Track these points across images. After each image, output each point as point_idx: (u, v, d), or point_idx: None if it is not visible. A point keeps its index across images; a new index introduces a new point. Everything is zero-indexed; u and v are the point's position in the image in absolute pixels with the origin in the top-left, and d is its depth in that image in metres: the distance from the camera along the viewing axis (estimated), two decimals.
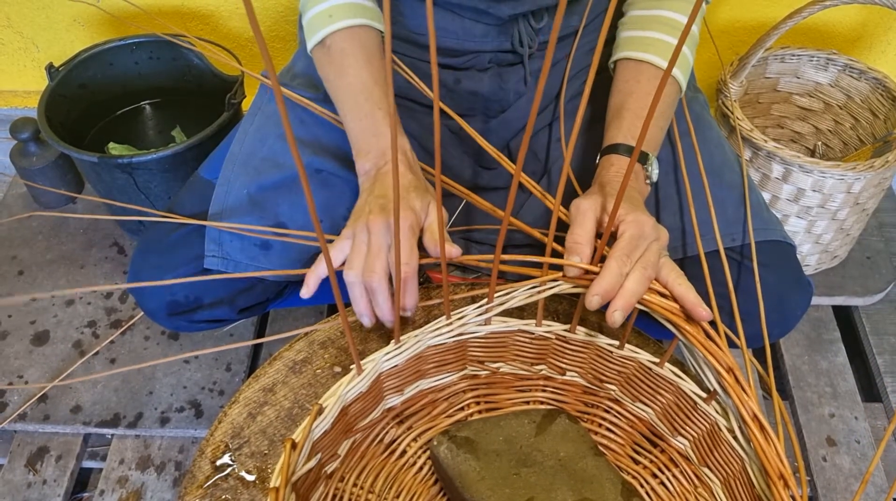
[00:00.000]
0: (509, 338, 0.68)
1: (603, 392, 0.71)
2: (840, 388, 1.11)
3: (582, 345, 0.68)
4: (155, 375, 1.08)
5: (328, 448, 0.62)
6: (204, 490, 0.66)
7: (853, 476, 1.02)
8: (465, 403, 0.73)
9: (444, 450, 0.65)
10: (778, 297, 0.75)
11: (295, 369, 0.74)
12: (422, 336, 0.63)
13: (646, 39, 0.75)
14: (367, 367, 0.61)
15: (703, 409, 0.62)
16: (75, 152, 1.05)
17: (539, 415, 0.69)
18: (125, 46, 1.21)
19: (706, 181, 0.75)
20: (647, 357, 0.65)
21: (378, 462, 0.69)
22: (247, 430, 0.69)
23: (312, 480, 0.61)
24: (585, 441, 0.67)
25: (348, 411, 0.62)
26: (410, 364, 0.66)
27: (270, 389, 0.72)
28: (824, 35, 1.30)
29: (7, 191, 1.35)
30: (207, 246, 0.75)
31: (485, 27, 0.78)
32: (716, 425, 0.62)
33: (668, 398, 0.66)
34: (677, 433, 0.67)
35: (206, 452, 0.68)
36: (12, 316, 1.15)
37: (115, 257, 1.23)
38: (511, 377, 0.72)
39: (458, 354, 0.69)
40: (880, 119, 1.17)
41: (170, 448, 1.03)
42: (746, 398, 0.54)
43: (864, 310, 1.20)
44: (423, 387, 0.69)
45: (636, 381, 0.68)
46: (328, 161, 0.80)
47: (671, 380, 0.64)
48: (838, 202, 1.07)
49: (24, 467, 1.01)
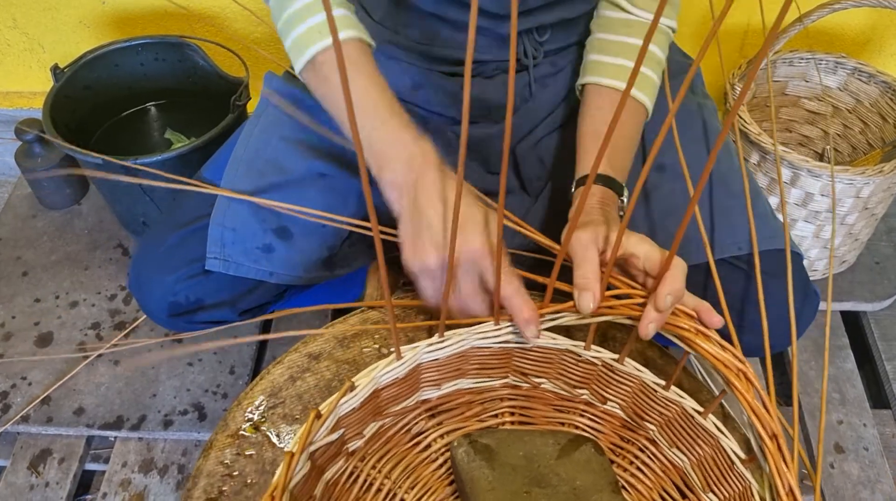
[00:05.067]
0: (556, 356, 0.67)
1: (641, 430, 0.69)
2: (848, 394, 1.10)
3: (627, 377, 0.66)
4: (158, 377, 1.08)
5: (354, 426, 0.62)
6: (233, 439, 0.68)
7: (861, 484, 1.01)
8: (501, 411, 0.72)
9: (462, 453, 0.65)
10: (785, 306, 0.74)
11: (343, 343, 0.75)
12: (467, 336, 0.63)
13: (617, 67, 0.75)
14: (406, 354, 0.61)
15: (740, 470, 0.60)
16: (80, 154, 1.05)
17: (566, 439, 0.67)
18: (131, 48, 1.21)
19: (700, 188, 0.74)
20: (692, 404, 0.63)
21: (401, 450, 0.69)
22: (284, 392, 0.71)
23: (333, 453, 0.61)
24: (607, 474, 0.65)
25: (380, 394, 0.62)
26: (452, 361, 0.65)
27: (316, 357, 0.74)
28: (833, 39, 1.29)
29: (12, 192, 1.35)
30: (210, 248, 0.75)
31: (489, 40, 0.78)
32: (749, 489, 0.59)
33: (706, 451, 0.64)
34: (709, 489, 0.64)
35: (242, 403, 0.70)
36: (16, 317, 1.15)
37: (120, 259, 1.23)
38: (552, 396, 0.71)
39: (503, 361, 0.68)
40: (889, 123, 1.16)
41: (173, 450, 1.03)
42: (785, 470, 0.52)
43: (873, 316, 1.19)
44: (461, 387, 0.68)
45: (676, 426, 0.65)
46: (332, 166, 0.79)
47: (712, 433, 0.62)
48: (847, 207, 1.06)
49: (27, 469, 1.01)
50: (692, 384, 0.71)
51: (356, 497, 0.66)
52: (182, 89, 1.26)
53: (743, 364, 0.54)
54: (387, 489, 0.67)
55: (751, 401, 0.53)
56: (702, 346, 0.55)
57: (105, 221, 1.29)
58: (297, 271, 0.78)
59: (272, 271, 0.77)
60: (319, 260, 0.80)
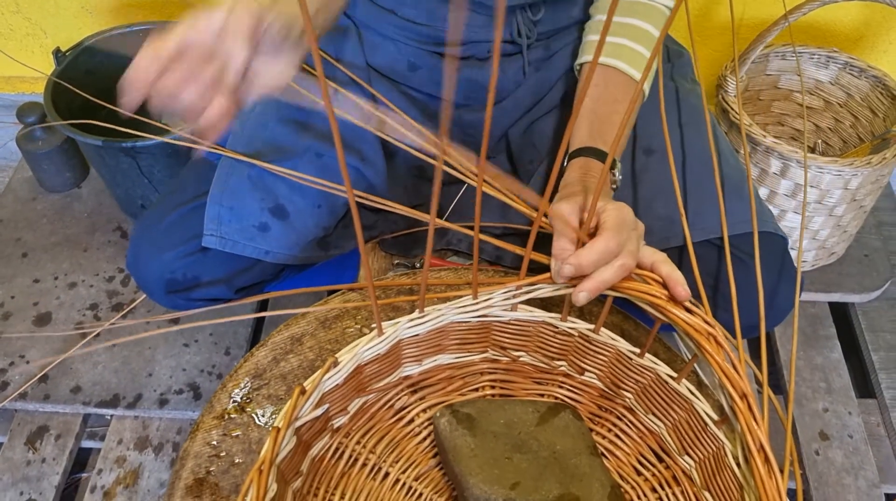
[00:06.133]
0: (533, 328, 0.69)
1: (618, 399, 0.71)
2: (834, 383, 1.11)
3: (604, 347, 0.68)
4: (154, 357, 1.09)
5: (338, 402, 0.64)
6: (219, 420, 0.70)
7: (845, 470, 1.02)
8: (481, 385, 0.74)
9: (445, 422, 0.66)
10: (767, 289, 0.75)
11: (326, 324, 0.76)
12: (446, 311, 0.64)
13: (613, 45, 0.76)
14: (387, 330, 0.62)
15: (713, 431, 0.62)
16: (80, 136, 1.07)
17: (545, 407, 0.69)
18: (132, 33, 1.22)
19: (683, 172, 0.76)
20: (666, 370, 0.65)
21: (385, 425, 0.71)
22: (268, 373, 0.73)
23: (318, 430, 0.63)
24: (585, 439, 0.67)
25: (363, 370, 0.64)
26: (432, 336, 0.67)
27: (299, 339, 0.75)
28: (826, 34, 1.31)
29: (13, 175, 1.36)
30: (207, 225, 0.76)
31: (484, 18, 0.79)
32: (723, 449, 0.61)
33: (681, 415, 0.65)
34: (684, 452, 0.66)
35: (227, 386, 0.72)
36: (15, 297, 1.16)
37: (118, 242, 1.25)
38: (530, 368, 0.73)
39: (481, 335, 0.69)
40: (879, 117, 1.17)
41: (168, 429, 1.04)
42: (755, 427, 0.53)
43: (861, 307, 1.21)
44: (441, 362, 0.70)
45: (652, 392, 0.67)
46: (329, 147, 0.81)
47: (686, 397, 0.64)
48: (836, 198, 1.07)
49: (24, 445, 1.02)
50: (668, 354, 0.74)
51: (342, 472, 0.67)
52: None
53: (712, 327, 0.56)
54: (372, 463, 0.69)
55: (721, 362, 0.55)
56: (672, 311, 0.57)
57: (104, 204, 1.30)
58: (292, 250, 0.80)
59: (268, 249, 0.78)
60: (314, 240, 0.81)
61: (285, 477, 0.58)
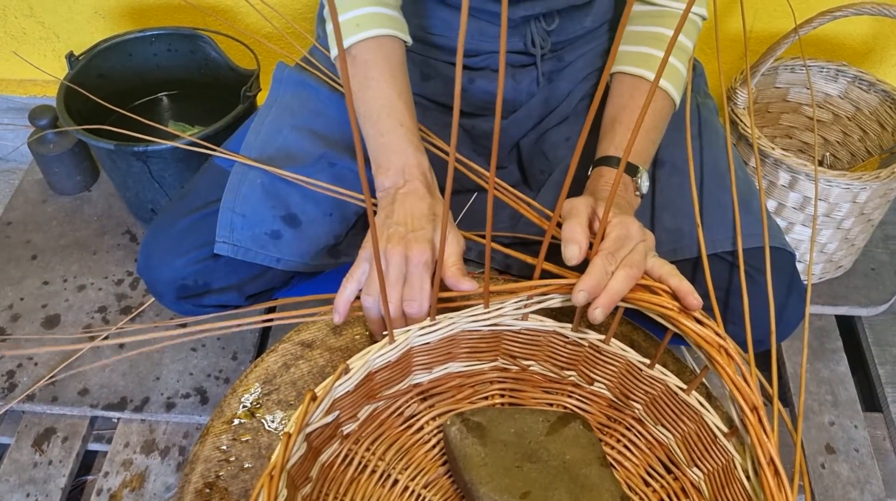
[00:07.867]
0: (544, 338, 0.69)
1: (627, 410, 0.71)
2: (841, 397, 1.12)
3: (613, 358, 0.68)
4: (162, 361, 1.10)
5: (348, 409, 0.64)
6: (229, 425, 0.70)
7: (851, 484, 1.02)
8: (491, 393, 0.74)
9: (455, 431, 0.66)
10: (775, 303, 0.75)
11: (336, 330, 0.77)
12: (457, 319, 0.65)
13: (642, 55, 0.77)
14: (399, 338, 0.63)
15: (723, 444, 0.62)
16: (92, 140, 1.07)
17: (555, 416, 0.69)
18: (144, 38, 1.23)
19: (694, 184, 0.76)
20: (676, 382, 0.65)
21: (394, 432, 0.71)
22: (279, 378, 0.73)
23: (328, 436, 0.63)
24: (595, 449, 0.67)
25: (374, 377, 0.64)
26: (443, 345, 0.67)
27: (309, 345, 0.75)
28: (835, 47, 1.31)
29: (24, 177, 1.37)
30: (219, 232, 0.77)
31: (499, 28, 0.79)
32: (732, 461, 0.61)
33: (690, 427, 0.66)
34: (693, 464, 0.66)
35: (237, 390, 0.72)
36: (24, 299, 1.17)
37: (128, 245, 1.25)
38: (540, 378, 0.73)
39: (492, 344, 0.70)
40: (888, 131, 1.18)
41: (174, 432, 1.05)
42: (766, 440, 0.53)
43: (868, 321, 1.21)
44: (452, 370, 0.71)
45: (661, 404, 0.67)
46: (343, 156, 0.81)
47: (696, 409, 0.64)
48: (844, 212, 1.08)
49: (31, 447, 1.03)
50: (677, 366, 0.74)
51: (351, 478, 0.67)
52: (193, 80, 1.28)
53: (723, 340, 0.56)
54: (381, 470, 0.69)
55: (731, 375, 0.55)
56: (683, 323, 0.57)
57: (114, 207, 1.31)
58: (303, 257, 0.80)
59: (279, 257, 0.79)
60: (325, 248, 0.82)
61: (295, 483, 0.59)
